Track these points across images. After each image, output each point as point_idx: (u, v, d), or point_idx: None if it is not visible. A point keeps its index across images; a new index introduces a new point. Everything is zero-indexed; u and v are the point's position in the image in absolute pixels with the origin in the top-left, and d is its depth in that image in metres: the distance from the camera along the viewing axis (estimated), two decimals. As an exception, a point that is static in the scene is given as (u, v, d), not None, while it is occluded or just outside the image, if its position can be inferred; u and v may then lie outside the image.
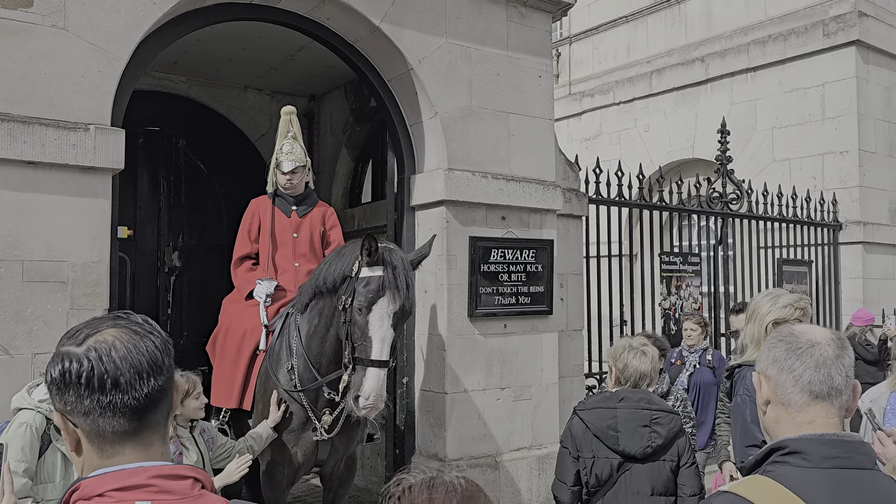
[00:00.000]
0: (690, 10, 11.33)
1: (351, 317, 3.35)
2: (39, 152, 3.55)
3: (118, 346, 1.12)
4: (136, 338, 1.14)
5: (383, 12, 4.80)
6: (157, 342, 1.16)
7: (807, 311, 3.02)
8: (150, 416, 1.14)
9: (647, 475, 2.92)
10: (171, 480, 1.12)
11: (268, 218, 4.39)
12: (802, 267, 8.28)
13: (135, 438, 1.13)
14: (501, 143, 5.35)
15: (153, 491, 1.09)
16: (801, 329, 1.48)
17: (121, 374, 1.10)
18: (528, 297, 5.38)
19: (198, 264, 7.01)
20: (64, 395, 1.12)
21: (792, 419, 1.41)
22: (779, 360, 1.44)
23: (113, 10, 3.86)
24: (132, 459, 1.12)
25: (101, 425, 1.11)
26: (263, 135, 7.26)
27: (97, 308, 3.75)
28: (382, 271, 3.35)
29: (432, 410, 5.05)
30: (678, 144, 10.93)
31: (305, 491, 5.83)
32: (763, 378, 1.47)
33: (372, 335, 3.31)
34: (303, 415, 3.75)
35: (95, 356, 1.10)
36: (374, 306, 3.32)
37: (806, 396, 1.40)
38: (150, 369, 1.12)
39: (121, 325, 1.16)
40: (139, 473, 1.10)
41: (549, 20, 5.77)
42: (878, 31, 9.41)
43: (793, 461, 1.34)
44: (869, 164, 9.19)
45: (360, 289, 3.34)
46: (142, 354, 1.12)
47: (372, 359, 3.29)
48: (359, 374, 3.32)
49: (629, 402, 3.00)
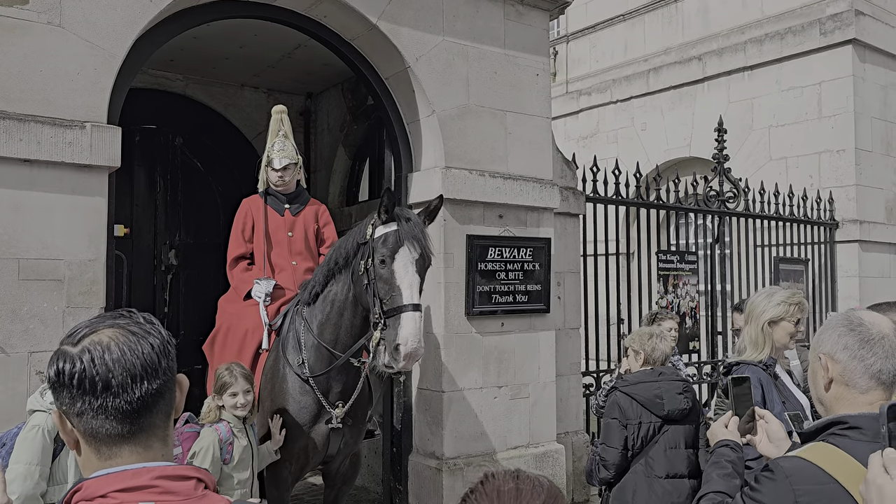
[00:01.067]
0: (687, 8, 11.34)
1: (375, 273, 3.39)
2: (35, 150, 3.53)
3: (112, 347, 1.11)
4: (132, 339, 1.13)
5: (380, 10, 4.80)
6: (154, 343, 1.14)
7: (803, 305, 3.04)
8: (145, 419, 1.13)
9: (682, 433, 3.61)
10: (175, 481, 1.11)
11: (261, 217, 4.38)
12: (799, 265, 8.29)
13: (132, 441, 1.12)
14: (499, 141, 5.35)
15: (157, 492, 1.08)
16: (869, 319, 1.62)
17: (112, 378, 1.09)
18: (526, 296, 5.38)
19: (194, 262, 7.00)
20: (60, 395, 1.12)
21: (854, 399, 1.58)
22: (850, 347, 1.59)
23: (109, 7, 3.85)
24: (131, 461, 1.12)
25: (95, 427, 1.10)
26: (260, 133, 7.24)
27: (93, 306, 3.74)
28: (397, 225, 3.45)
29: (429, 409, 5.05)
30: (675, 143, 10.94)
31: (303, 489, 5.83)
32: (830, 361, 1.61)
33: (399, 283, 3.36)
34: (314, 408, 3.74)
35: (88, 358, 1.09)
36: (396, 255, 3.39)
37: (872, 382, 1.57)
38: (144, 373, 1.11)
39: (119, 326, 1.15)
40: (142, 474, 1.10)
41: (546, 18, 5.76)
42: (875, 29, 9.43)
43: (852, 435, 1.50)
44: (865, 162, 9.21)
45: (378, 246, 3.43)
46: (136, 357, 1.11)
47: (404, 303, 3.32)
48: (393, 324, 3.31)
49: (666, 376, 3.67)
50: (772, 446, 1.92)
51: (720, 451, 1.87)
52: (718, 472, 1.80)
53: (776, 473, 1.51)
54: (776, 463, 1.54)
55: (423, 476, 5.06)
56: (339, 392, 3.77)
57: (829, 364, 1.60)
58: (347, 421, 3.79)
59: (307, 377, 3.74)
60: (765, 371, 3.00)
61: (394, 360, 3.31)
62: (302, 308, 3.88)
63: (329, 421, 3.75)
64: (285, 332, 3.95)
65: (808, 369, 1.71)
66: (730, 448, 1.87)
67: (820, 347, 1.64)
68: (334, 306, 3.69)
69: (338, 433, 3.79)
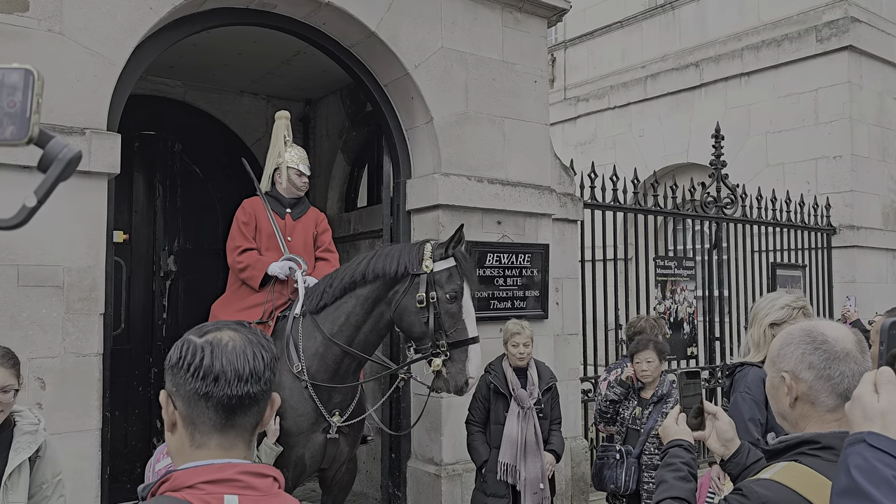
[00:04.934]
0: (685, 15, 11.39)
1: (441, 308, 3.60)
2: (35, 156, 3.53)
3: (230, 346, 1.21)
4: (249, 345, 1.23)
5: (379, 17, 4.82)
6: (265, 356, 1.24)
7: (806, 309, 3.07)
8: (238, 417, 1.21)
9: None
10: (256, 478, 1.19)
11: (264, 219, 4.38)
12: (796, 271, 8.32)
13: (221, 434, 1.21)
14: (497, 147, 5.37)
15: (240, 486, 1.17)
16: (833, 335, 1.55)
17: (223, 371, 1.19)
18: (524, 302, 5.39)
19: (193, 268, 7.00)
20: (175, 377, 1.22)
21: (820, 417, 1.53)
22: (815, 366, 1.53)
23: (109, 14, 3.87)
24: (215, 455, 1.20)
25: (196, 413, 1.20)
26: (259, 139, 7.26)
27: (93, 313, 3.75)
28: (455, 262, 3.64)
29: (428, 415, 5.05)
30: (673, 149, 10.97)
31: (302, 495, 5.82)
32: (793, 379, 1.55)
33: (465, 318, 3.62)
34: (312, 416, 3.75)
35: (209, 349, 1.20)
36: (463, 292, 3.63)
37: (840, 400, 1.50)
38: (250, 375, 1.21)
39: (241, 331, 1.26)
40: (227, 469, 1.18)
41: (544, 25, 5.79)
42: (871, 36, 9.48)
43: (824, 455, 1.45)
44: (862, 168, 9.25)
45: (444, 280, 3.60)
46: (247, 360, 1.21)
47: (470, 337, 3.61)
48: (459, 357, 3.59)
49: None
50: (719, 445, 1.88)
51: (673, 451, 1.80)
52: (673, 475, 1.74)
53: (750, 499, 1.46)
54: (749, 487, 1.49)
55: (422, 482, 5.06)
56: (338, 402, 3.79)
57: (793, 383, 1.55)
58: (344, 429, 3.80)
59: (306, 384, 3.75)
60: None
61: (459, 391, 3.63)
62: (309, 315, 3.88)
63: (326, 430, 3.76)
64: (281, 339, 3.94)
65: (767, 382, 1.65)
66: (683, 448, 1.81)
67: (781, 364, 1.58)
68: (350, 320, 3.74)
69: (335, 441, 3.80)
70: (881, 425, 1.11)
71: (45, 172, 0.86)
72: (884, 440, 1.10)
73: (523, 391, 4.21)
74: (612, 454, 4.13)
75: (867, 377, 1.19)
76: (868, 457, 1.09)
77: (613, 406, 4.20)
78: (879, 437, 1.10)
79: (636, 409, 4.11)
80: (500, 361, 4.34)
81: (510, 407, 4.19)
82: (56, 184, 0.85)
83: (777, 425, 2.98)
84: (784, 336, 1.61)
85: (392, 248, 3.92)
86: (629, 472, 4.03)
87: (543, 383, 4.33)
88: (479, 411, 4.31)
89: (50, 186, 0.85)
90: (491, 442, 4.23)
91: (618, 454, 4.10)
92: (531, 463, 4.12)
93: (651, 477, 3.91)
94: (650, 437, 3.98)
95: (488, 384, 4.25)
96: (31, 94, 0.80)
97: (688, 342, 6.98)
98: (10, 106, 0.80)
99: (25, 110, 0.80)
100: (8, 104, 0.80)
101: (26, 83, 0.81)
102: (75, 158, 0.87)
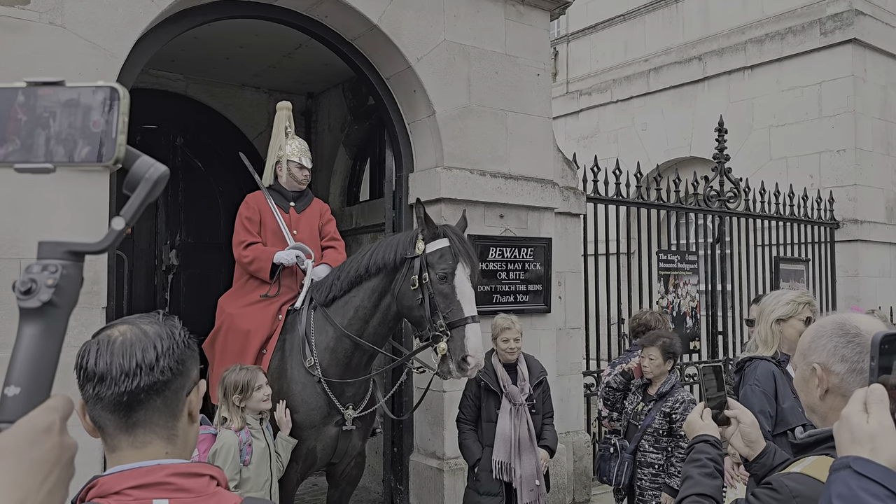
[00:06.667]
0: (688, 8, 11.34)
1: (434, 289, 3.52)
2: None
3: (118, 342, 1.15)
4: (141, 338, 1.16)
5: (381, 10, 4.80)
6: (161, 345, 1.16)
7: (812, 305, 3.12)
8: (139, 414, 1.14)
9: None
10: (188, 478, 1.13)
11: (268, 213, 4.37)
12: (799, 265, 8.29)
13: (128, 434, 1.14)
14: (499, 141, 5.35)
15: (171, 489, 1.10)
16: (866, 327, 1.51)
17: (108, 370, 1.13)
18: (527, 296, 5.38)
19: (195, 262, 7.00)
20: (78, 383, 1.17)
21: None
22: (848, 359, 1.48)
23: (111, 7, 3.85)
24: (130, 456, 1.13)
25: (96, 416, 1.14)
26: (261, 133, 7.24)
27: (95, 306, 3.75)
28: (448, 242, 3.56)
29: (430, 409, 5.05)
30: (675, 143, 10.94)
31: (303, 489, 5.82)
32: (826, 372, 1.51)
33: (460, 298, 3.51)
34: (325, 409, 3.75)
35: (95, 349, 1.15)
36: (455, 272, 3.52)
37: None
38: (137, 368, 1.13)
39: (137, 324, 1.18)
40: (156, 471, 1.11)
41: (547, 18, 5.76)
42: (875, 29, 9.43)
43: None
44: (866, 162, 9.21)
45: (435, 261, 3.52)
46: (132, 355, 1.14)
47: (466, 316, 3.48)
48: (458, 336, 3.46)
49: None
50: (743, 445, 1.84)
51: (699, 446, 1.76)
52: (699, 471, 1.70)
53: (781, 493, 1.43)
54: (780, 480, 1.46)
55: (425, 476, 5.06)
56: (350, 395, 3.79)
57: (824, 375, 1.51)
58: (357, 423, 3.81)
59: (319, 378, 3.75)
60: (777, 367, 3.10)
61: (461, 370, 3.48)
62: (319, 308, 3.88)
63: (339, 423, 3.76)
64: (292, 333, 3.94)
65: (797, 374, 1.62)
66: (709, 444, 1.76)
67: (812, 356, 1.54)
68: (358, 313, 3.74)
69: (347, 435, 3.81)
70: (870, 449, 1.03)
71: (131, 193, 0.82)
72: (871, 466, 1.01)
73: (514, 387, 4.13)
74: (608, 447, 4.16)
75: (857, 395, 1.11)
76: (852, 485, 1.01)
77: (613, 393, 4.25)
78: (866, 462, 1.02)
79: (639, 403, 4.11)
80: (488, 358, 4.19)
81: (502, 404, 4.12)
82: (144, 205, 0.82)
83: (787, 418, 2.99)
84: (815, 328, 1.57)
85: (392, 237, 3.90)
86: (622, 466, 4.04)
87: (534, 378, 4.25)
88: (470, 409, 4.23)
89: (138, 208, 0.81)
90: (483, 440, 4.14)
91: (612, 448, 4.12)
92: (526, 460, 4.07)
93: (644, 473, 3.94)
94: (646, 435, 3.97)
95: (478, 381, 4.14)
96: (116, 113, 0.77)
97: (691, 336, 6.97)
98: (94, 126, 0.76)
99: (111, 130, 0.76)
100: (93, 124, 0.77)
101: (111, 102, 0.77)
102: (162, 178, 0.84)
